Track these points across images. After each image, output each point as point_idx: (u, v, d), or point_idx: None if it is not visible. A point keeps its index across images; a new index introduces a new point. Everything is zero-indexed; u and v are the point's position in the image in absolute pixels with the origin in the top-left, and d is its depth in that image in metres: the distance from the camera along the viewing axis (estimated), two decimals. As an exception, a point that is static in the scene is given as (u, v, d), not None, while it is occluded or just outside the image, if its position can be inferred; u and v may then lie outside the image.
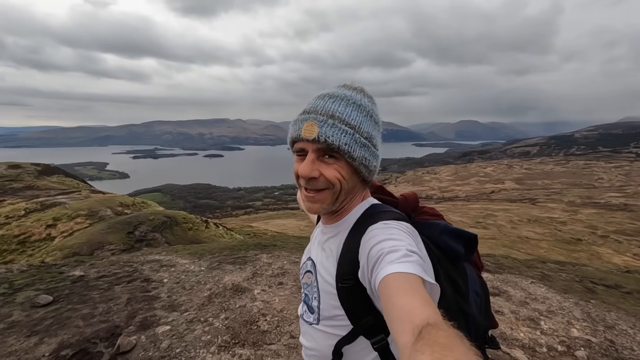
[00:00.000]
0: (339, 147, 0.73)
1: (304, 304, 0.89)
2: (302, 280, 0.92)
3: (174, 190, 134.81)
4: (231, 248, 5.88)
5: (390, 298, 0.57)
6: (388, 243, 0.66)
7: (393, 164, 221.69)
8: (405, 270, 0.60)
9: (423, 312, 0.52)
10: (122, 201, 22.71)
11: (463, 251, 0.82)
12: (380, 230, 0.72)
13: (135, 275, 4.26)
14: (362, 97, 0.80)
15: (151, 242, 14.63)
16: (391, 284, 0.59)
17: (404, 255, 0.63)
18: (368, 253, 0.68)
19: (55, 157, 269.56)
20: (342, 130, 0.74)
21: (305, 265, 0.93)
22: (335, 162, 0.76)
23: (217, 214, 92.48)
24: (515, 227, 42.78)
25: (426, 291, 0.58)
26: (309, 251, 0.95)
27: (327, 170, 0.75)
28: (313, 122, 0.74)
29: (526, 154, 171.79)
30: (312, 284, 0.86)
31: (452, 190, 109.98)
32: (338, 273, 0.77)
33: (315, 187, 0.77)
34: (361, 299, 0.73)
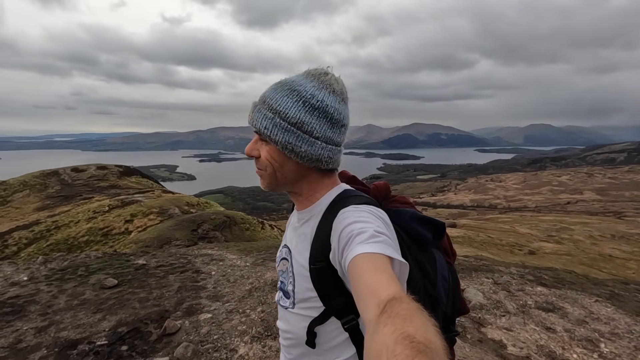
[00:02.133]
0: (259, 130, 0.79)
1: (279, 291, 0.92)
2: (278, 268, 0.94)
3: (234, 192, 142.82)
4: (277, 247, 6.10)
5: (359, 277, 0.60)
6: (357, 225, 0.68)
7: (453, 170, 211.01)
8: (373, 251, 0.62)
9: (388, 289, 0.54)
10: (188, 201, 24.68)
11: (431, 237, 0.82)
12: (351, 212, 0.73)
13: (188, 267, 4.63)
14: (306, 83, 0.79)
15: (212, 240, 15.66)
16: (359, 264, 0.61)
17: (372, 236, 0.65)
18: (339, 235, 0.70)
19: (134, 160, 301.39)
20: (264, 115, 0.78)
21: (280, 253, 0.95)
22: (267, 145, 0.81)
23: (274, 216, 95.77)
24: (596, 244, 37.99)
25: (393, 270, 0.60)
26: (285, 238, 0.96)
27: (262, 152, 0.81)
28: (252, 108, 0.82)
29: (611, 161, 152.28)
30: (288, 269, 0.88)
31: (520, 200, 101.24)
32: (311, 255, 0.79)
33: (258, 166, 0.83)
34: (332, 280, 0.76)
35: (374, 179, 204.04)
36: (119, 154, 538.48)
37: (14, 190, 28.88)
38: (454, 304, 0.90)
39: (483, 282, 3.98)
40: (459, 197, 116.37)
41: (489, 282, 3.98)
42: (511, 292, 3.65)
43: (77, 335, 2.75)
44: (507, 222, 61.95)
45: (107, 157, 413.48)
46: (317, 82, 0.79)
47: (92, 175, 35.10)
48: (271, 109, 0.78)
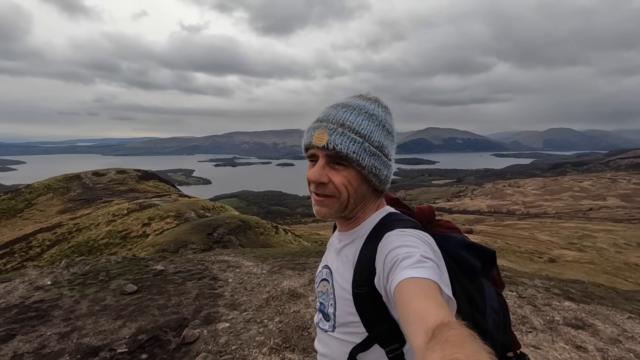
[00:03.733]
0: (347, 154, 0.74)
1: (319, 312, 0.90)
2: (318, 288, 0.92)
3: (249, 197, 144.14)
4: (293, 254, 6.08)
5: (405, 303, 0.58)
6: (403, 249, 0.67)
7: (469, 175, 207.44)
8: (419, 275, 0.61)
9: (437, 314, 0.53)
10: (204, 205, 25.02)
11: (480, 265, 0.78)
12: (397, 236, 0.72)
13: (205, 273, 4.65)
14: (376, 107, 0.81)
15: (227, 244, 15.80)
16: (406, 289, 0.60)
17: (419, 261, 0.64)
18: (384, 259, 0.69)
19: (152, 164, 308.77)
20: (351, 138, 0.75)
21: (321, 274, 0.93)
22: (345, 169, 0.77)
23: (287, 220, 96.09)
24: (621, 252, 36.54)
25: (441, 296, 0.59)
26: (325, 259, 0.95)
27: (335, 177, 0.76)
28: (323, 130, 0.76)
29: (636, 166, 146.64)
30: (328, 291, 0.86)
31: (540, 206, 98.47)
32: (354, 279, 0.78)
33: (323, 192, 0.78)
34: (376, 306, 0.73)
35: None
36: (137, 159, 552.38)
37: (38, 193, 29.93)
38: (503, 339, 0.85)
39: (507, 295, 3.85)
40: (476, 203, 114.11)
41: (513, 295, 3.84)
42: (537, 307, 3.50)
43: (98, 342, 2.78)
44: (526, 228, 60.14)
45: (127, 162, 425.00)
46: (381, 107, 0.82)
47: (112, 179, 36.07)
48: (357, 132, 0.76)
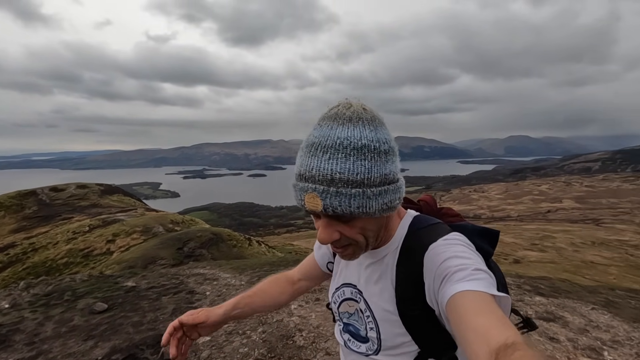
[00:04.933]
0: (351, 214, 0.63)
1: (345, 333, 0.85)
2: (340, 308, 0.85)
3: (220, 209, 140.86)
4: (271, 264, 5.99)
5: (462, 318, 0.54)
6: (455, 261, 0.63)
7: (437, 181, 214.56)
8: (475, 288, 0.57)
9: (500, 333, 0.48)
10: (173, 219, 24.15)
11: (491, 249, 0.79)
12: (444, 247, 0.68)
13: (181, 287, 4.47)
14: (361, 132, 0.64)
15: (198, 258, 15.30)
16: (461, 303, 0.56)
17: (472, 273, 0.60)
18: (434, 272, 0.65)
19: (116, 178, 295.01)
20: (349, 195, 0.62)
21: (341, 293, 0.85)
22: (355, 221, 0.67)
23: (260, 231, 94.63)
24: (578, 251, 38.92)
25: (501, 309, 0.55)
26: (345, 277, 0.86)
27: (347, 231, 0.68)
28: (314, 195, 0.63)
29: (587, 170, 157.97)
30: (361, 312, 0.80)
31: (504, 210, 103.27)
32: (400, 299, 0.72)
33: (340, 245, 0.70)
34: (431, 323, 0.69)
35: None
36: (100, 172, 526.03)
37: (-12, 212, 27.72)
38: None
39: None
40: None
41: (488, 293, 3.99)
42: (512, 303, 3.66)
43: (67, 365, 2.60)
44: (492, 231, 62.37)
45: (88, 176, 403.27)
46: (367, 126, 0.65)
47: (72, 194, 34.04)
48: (353, 183, 0.62)
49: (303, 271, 1.04)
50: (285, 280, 1.05)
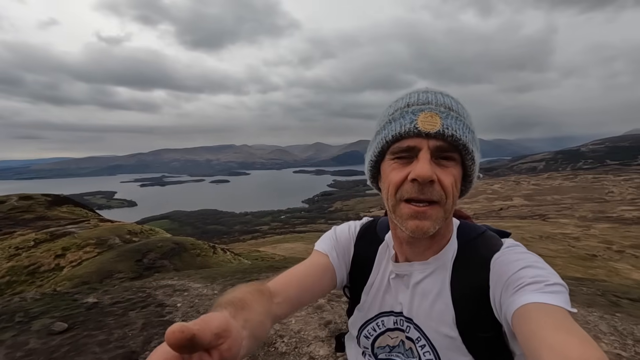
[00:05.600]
0: (465, 144, 0.58)
1: None
2: (375, 344, 0.74)
3: (181, 217, 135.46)
4: (243, 271, 5.85)
5: (536, 333, 0.48)
6: (531, 271, 0.57)
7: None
8: (552, 302, 0.51)
9: (582, 353, 0.42)
10: (130, 229, 22.83)
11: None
12: (514, 255, 0.61)
13: (149, 301, 4.24)
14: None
15: (160, 269, 14.59)
16: (536, 316, 0.50)
17: (551, 286, 0.54)
18: (505, 281, 0.58)
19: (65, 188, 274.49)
20: (465, 124, 0.59)
21: (378, 324, 0.73)
22: (454, 166, 0.60)
23: (225, 239, 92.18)
24: (528, 245, 41.60)
25: (580, 327, 0.49)
26: (382, 305, 0.73)
27: (444, 176, 0.59)
28: (434, 113, 0.58)
29: (533, 169, 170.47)
30: (411, 343, 0.69)
31: (461, 209, 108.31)
32: (462, 321, 0.62)
33: (429, 197, 0.58)
34: (501, 343, 0.61)
35: (325, 195, 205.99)
36: (46, 182, 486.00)
37: None
38: None
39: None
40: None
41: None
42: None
43: (26, 393, 2.36)
44: (452, 230, 65.46)
45: (33, 186, 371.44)
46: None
47: (14, 206, 31.06)
48: (465, 119, 0.61)
49: (288, 286, 0.67)
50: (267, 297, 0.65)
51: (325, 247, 0.78)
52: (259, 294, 0.57)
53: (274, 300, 0.61)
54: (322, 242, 0.80)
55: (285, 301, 0.63)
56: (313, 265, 0.74)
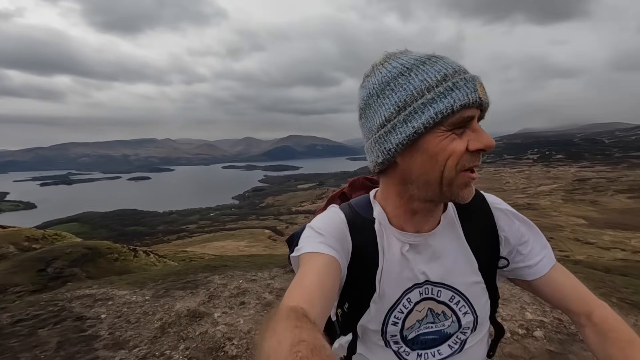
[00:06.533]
0: (485, 108, 0.62)
1: (412, 352, 0.72)
2: (405, 324, 0.71)
3: (94, 219, 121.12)
4: (177, 273, 5.37)
5: (562, 287, 0.71)
6: (530, 228, 0.75)
7: (330, 178, 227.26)
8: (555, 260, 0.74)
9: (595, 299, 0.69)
10: (29, 235, 19.66)
11: None
12: (502, 203, 0.78)
13: (63, 315, 3.62)
14: None
15: (69, 279, 12.80)
16: (560, 279, 0.71)
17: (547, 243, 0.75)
18: (517, 228, 0.74)
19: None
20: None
21: (404, 305, 0.71)
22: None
23: (147, 241, 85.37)
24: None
25: None
26: (402, 283, 0.70)
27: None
28: (481, 83, 0.59)
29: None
30: (444, 306, 0.71)
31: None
32: (482, 262, 0.71)
33: (478, 163, 0.61)
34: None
35: (256, 191, 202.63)
36: None
37: None
38: None
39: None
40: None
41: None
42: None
43: None
44: (379, 221, 69.85)
45: None
46: None
47: None
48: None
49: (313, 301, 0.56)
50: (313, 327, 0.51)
51: (322, 247, 0.64)
52: (311, 326, 0.47)
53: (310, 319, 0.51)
54: (314, 243, 0.65)
55: (318, 318, 0.54)
56: (324, 269, 0.62)
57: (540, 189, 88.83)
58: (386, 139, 0.62)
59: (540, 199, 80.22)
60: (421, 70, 0.59)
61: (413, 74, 0.59)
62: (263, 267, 5.40)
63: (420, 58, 0.61)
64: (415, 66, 0.60)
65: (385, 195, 0.73)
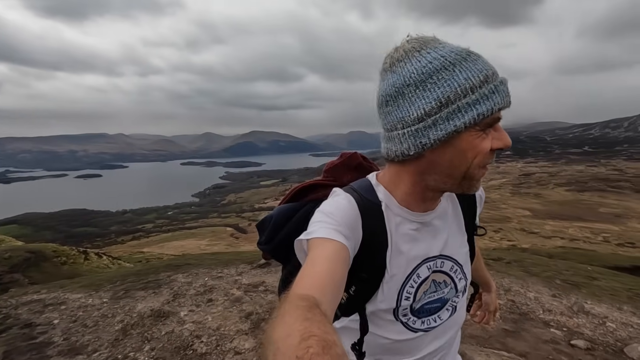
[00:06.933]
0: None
1: (418, 320, 0.77)
2: (416, 297, 0.75)
3: (36, 220, 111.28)
4: (136, 274, 5.11)
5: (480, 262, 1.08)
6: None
7: (293, 174, 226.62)
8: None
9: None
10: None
11: None
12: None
13: (9, 323, 3.32)
14: None
15: (9, 286, 11.75)
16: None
17: None
18: (482, 201, 0.89)
19: None
20: None
21: (414, 280, 0.74)
22: None
23: (98, 242, 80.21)
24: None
25: None
26: (412, 260, 0.74)
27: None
28: (505, 85, 0.64)
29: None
30: (445, 275, 0.79)
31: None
32: (469, 233, 0.83)
33: (490, 161, 0.66)
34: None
35: (217, 188, 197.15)
36: None
37: None
38: None
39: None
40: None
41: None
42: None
43: None
44: (342, 216, 70.87)
45: None
46: None
47: None
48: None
49: (324, 289, 0.56)
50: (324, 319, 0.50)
51: (334, 234, 0.64)
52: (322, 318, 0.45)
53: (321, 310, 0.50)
54: (325, 229, 0.65)
55: (329, 309, 0.54)
56: (335, 256, 0.61)
57: (490, 183, 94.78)
58: (424, 133, 0.62)
59: (491, 192, 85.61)
60: (464, 68, 0.60)
61: (457, 70, 0.60)
62: (229, 263, 5.30)
63: (460, 53, 0.62)
64: (457, 62, 0.61)
65: (395, 181, 0.74)
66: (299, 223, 0.84)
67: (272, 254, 0.92)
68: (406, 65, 0.64)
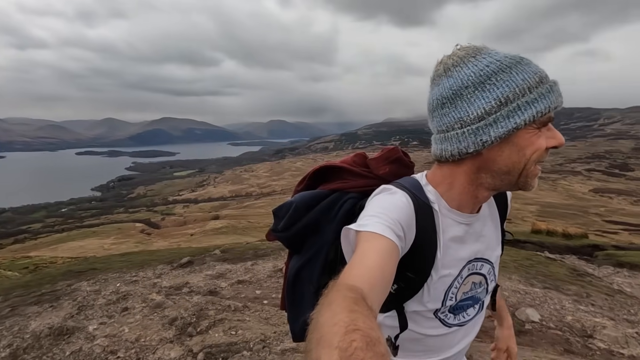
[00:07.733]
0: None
1: (455, 316, 0.80)
2: (457, 297, 0.78)
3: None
4: (25, 285, 4.34)
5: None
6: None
7: (210, 164, 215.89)
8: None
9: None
10: None
11: None
12: None
13: None
14: None
15: None
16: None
17: None
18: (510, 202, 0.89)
19: None
20: None
21: (457, 281, 0.77)
22: None
23: None
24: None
25: None
26: (459, 260, 0.76)
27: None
28: (557, 89, 0.66)
29: (325, 148, 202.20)
30: (482, 277, 0.81)
31: (270, 186, 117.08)
32: (503, 237, 0.86)
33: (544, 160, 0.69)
34: None
35: (123, 180, 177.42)
36: None
37: None
38: None
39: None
40: (219, 190, 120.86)
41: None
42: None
43: None
44: (263, 206, 70.45)
45: None
46: None
47: None
48: None
49: (373, 284, 0.55)
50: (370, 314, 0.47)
51: (388, 231, 0.63)
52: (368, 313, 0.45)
53: (368, 304, 0.49)
54: (381, 224, 0.63)
55: (375, 304, 0.52)
56: (386, 253, 0.60)
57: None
58: (485, 131, 0.65)
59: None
60: (520, 70, 0.64)
61: (514, 72, 0.64)
62: (144, 265, 4.85)
63: (514, 57, 0.66)
64: (513, 65, 0.65)
65: (449, 181, 0.74)
66: (322, 213, 0.86)
67: (289, 242, 0.92)
68: (462, 69, 0.67)
